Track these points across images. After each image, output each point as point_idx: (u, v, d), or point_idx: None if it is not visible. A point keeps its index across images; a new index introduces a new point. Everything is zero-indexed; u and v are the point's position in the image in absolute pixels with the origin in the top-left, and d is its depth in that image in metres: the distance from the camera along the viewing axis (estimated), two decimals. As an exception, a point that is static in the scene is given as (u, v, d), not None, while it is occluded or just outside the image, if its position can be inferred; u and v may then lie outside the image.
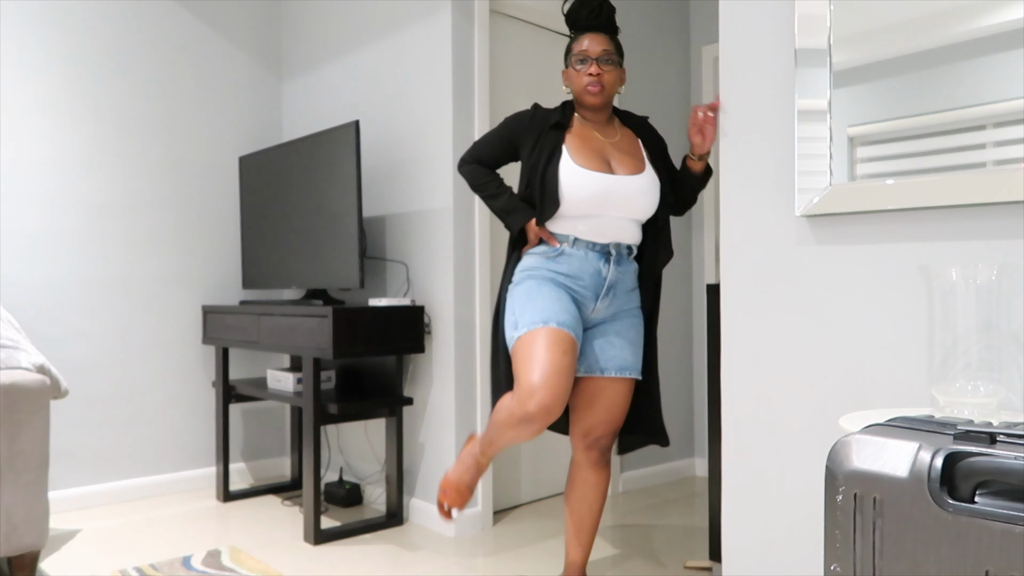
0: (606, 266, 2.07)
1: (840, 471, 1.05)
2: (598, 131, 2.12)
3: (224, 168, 3.77)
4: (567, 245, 2.06)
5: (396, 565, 2.59)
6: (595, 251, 2.06)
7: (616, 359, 2.10)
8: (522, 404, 1.91)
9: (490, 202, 2.16)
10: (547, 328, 1.95)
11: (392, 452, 2.98)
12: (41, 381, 2.34)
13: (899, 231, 1.54)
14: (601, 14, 2.09)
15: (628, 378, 2.12)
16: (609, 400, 2.12)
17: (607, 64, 2.06)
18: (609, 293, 2.09)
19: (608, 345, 2.10)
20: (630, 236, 2.10)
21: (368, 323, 2.80)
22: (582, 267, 2.06)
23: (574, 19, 2.13)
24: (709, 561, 2.55)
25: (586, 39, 2.08)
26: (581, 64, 2.07)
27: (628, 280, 2.13)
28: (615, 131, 2.15)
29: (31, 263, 3.22)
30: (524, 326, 1.98)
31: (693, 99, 3.90)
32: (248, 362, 3.81)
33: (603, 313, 2.11)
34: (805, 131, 1.66)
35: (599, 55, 2.06)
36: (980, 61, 1.41)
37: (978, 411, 1.26)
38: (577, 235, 2.06)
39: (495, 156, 2.19)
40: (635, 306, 2.16)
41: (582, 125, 2.13)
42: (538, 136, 2.09)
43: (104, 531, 2.98)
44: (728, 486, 1.83)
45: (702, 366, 3.82)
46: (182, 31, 3.63)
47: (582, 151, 2.06)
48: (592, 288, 2.07)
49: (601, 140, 2.11)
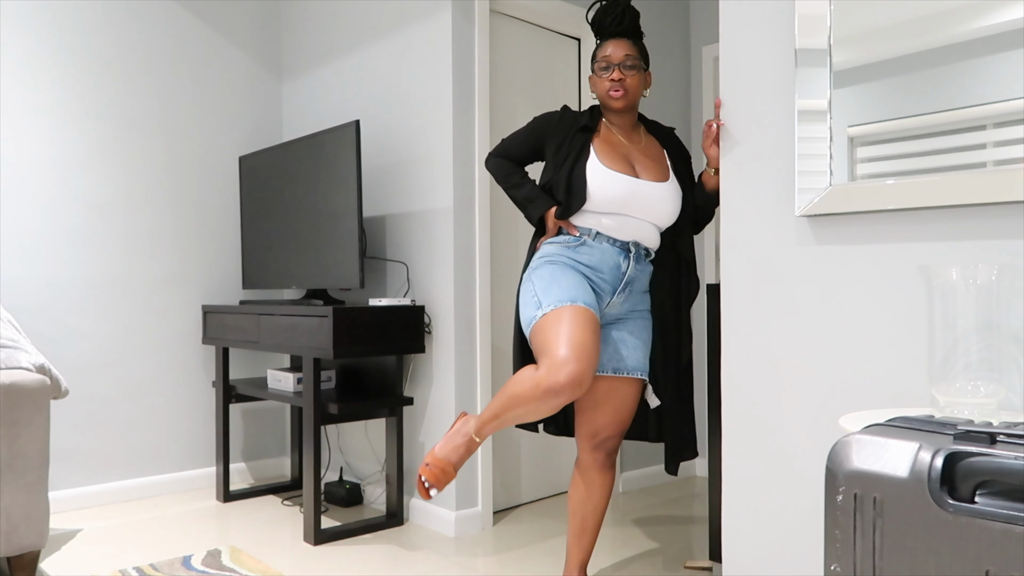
0: (626, 261, 2.09)
1: (840, 471, 1.05)
2: (623, 136, 2.16)
3: (224, 168, 3.77)
4: (588, 237, 2.08)
5: (396, 565, 2.59)
6: (616, 246, 2.09)
7: (631, 359, 2.11)
8: (552, 374, 1.83)
9: (513, 192, 2.20)
10: (573, 306, 1.93)
11: (392, 452, 2.98)
12: (41, 381, 2.34)
13: (899, 231, 1.54)
14: (624, 20, 2.13)
15: (639, 379, 2.13)
16: (620, 401, 2.12)
17: (630, 69, 2.10)
18: (626, 289, 2.11)
19: (623, 344, 2.11)
20: (650, 239, 2.13)
21: (368, 323, 2.80)
22: (603, 259, 2.08)
23: (598, 26, 2.17)
24: (709, 561, 2.55)
25: (610, 45, 2.12)
26: (604, 70, 2.12)
27: (643, 280, 2.15)
28: (640, 137, 2.19)
29: (31, 263, 3.22)
30: (549, 304, 1.95)
31: (693, 99, 3.90)
32: (248, 362, 3.81)
33: (618, 309, 2.12)
34: (805, 131, 1.66)
35: (621, 60, 2.09)
36: (980, 61, 1.41)
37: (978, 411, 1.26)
38: (600, 229, 2.08)
39: (523, 153, 2.23)
40: (647, 308, 2.18)
41: (608, 129, 2.17)
42: (564, 137, 2.13)
43: (104, 531, 2.98)
44: (728, 486, 1.83)
45: (702, 366, 3.82)
46: (182, 31, 3.63)
47: (609, 154, 2.10)
48: (611, 281, 2.08)
49: (627, 145, 2.14)
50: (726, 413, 1.84)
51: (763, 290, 1.76)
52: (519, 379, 1.91)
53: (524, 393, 1.88)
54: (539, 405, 1.86)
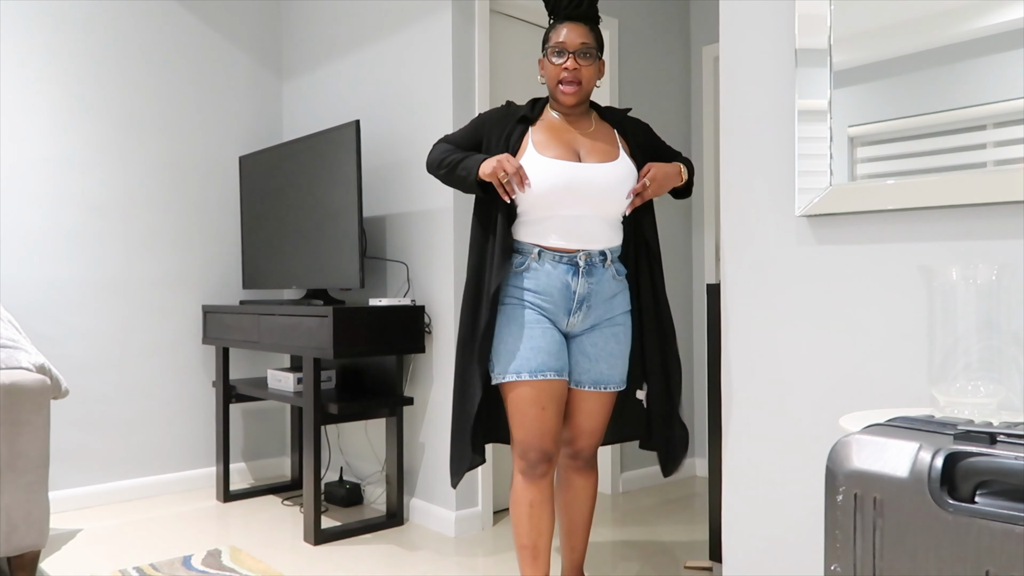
0: (575, 279, 1.95)
1: (840, 471, 1.05)
2: (571, 124, 2.02)
3: (224, 168, 3.77)
4: (533, 258, 1.95)
5: (396, 565, 2.59)
6: (562, 263, 1.95)
7: (590, 372, 2.01)
8: (521, 456, 1.97)
9: (452, 168, 2.00)
10: (520, 383, 1.93)
11: (392, 452, 2.98)
12: (41, 381, 2.34)
13: (899, 231, 1.54)
14: (582, 4, 1.96)
15: (606, 392, 2.04)
16: (586, 413, 2.06)
17: (585, 58, 1.95)
18: (582, 307, 1.97)
19: (583, 358, 2.02)
20: (603, 240, 1.98)
21: (368, 323, 2.80)
22: (549, 282, 1.95)
23: (553, 5, 2.00)
24: (709, 561, 2.55)
25: (564, 28, 1.95)
26: (558, 56, 1.95)
27: (605, 288, 2.00)
28: (590, 123, 2.04)
29: (31, 263, 3.22)
30: (499, 371, 1.96)
31: (693, 99, 3.90)
32: (248, 362, 3.81)
33: (580, 327, 2.00)
34: (805, 131, 1.66)
35: (577, 48, 1.94)
36: (980, 61, 1.41)
37: (978, 411, 1.26)
38: (543, 244, 1.95)
39: (464, 147, 2.08)
40: (620, 312, 2.04)
41: (553, 118, 2.03)
42: (502, 130, 2.01)
43: (104, 531, 2.98)
44: (728, 486, 1.83)
45: (702, 366, 3.82)
46: (182, 31, 3.63)
47: (549, 143, 1.97)
48: (562, 303, 1.96)
49: (573, 132, 2.00)
50: (726, 413, 1.84)
51: (763, 290, 1.76)
52: (514, 515, 2.01)
53: (516, 496, 1.99)
54: (527, 490, 1.97)
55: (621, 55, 3.55)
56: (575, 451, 2.11)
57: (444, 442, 2.95)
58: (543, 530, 1.98)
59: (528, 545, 1.98)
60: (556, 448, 1.98)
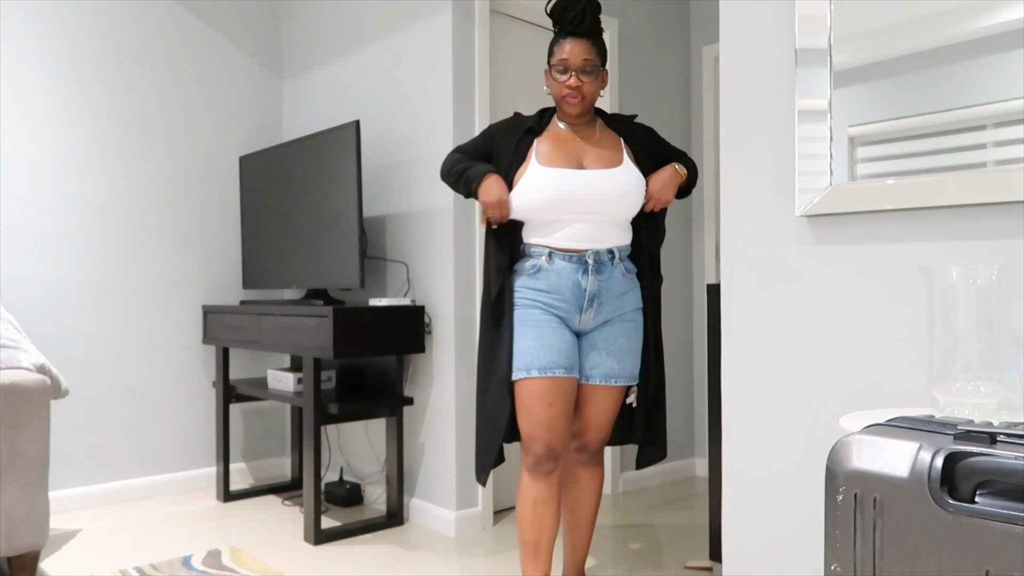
0: (584, 277, 2.02)
1: (840, 471, 1.05)
2: (577, 133, 2.09)
3: (224, 168, 3.77)
4: (543, 260, 2.03)
5: (396, 565, 2.59)
6: (571, 262, 2.02)
7: (600, 367, 2.08)
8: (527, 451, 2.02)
9: (458, 177, 2.10)
10: (529, 380, 2.00)
11: (392, 452, 2.98)
12: (41, 381, 2.34)
13: (899, 231, 1.54)
14: (585, 20, 2.03)
15: (615, 386, 2.11)
16: (595, 407, 2.12)
17: (588, 75, 2.02)
18: (592, 304, 2.04)
19: (594, 353, 2.09)
20: (610, 240, 2.05)
21: (368, 323, 2.80)
22: (560, 281, 2.02)
23: (558, 20, 2.08)
24: (709, 561, 2.55)
25: (568, 44, 2.02)
26: (561, 73, 2.03)
27: (615, 286, 2.07)
28: (595, 131, 2.12)
29: (31, 263, 3.22)
30: (516, 370, 2.03)
31: (693, 99, 3.90)
32: (248, 362, 3.81)
33: (591, 323, 2.08)
34: (805, 131, 1.66)
35: (580, 66, 2.01)
36: (980, 61, 1.41)
37: (978, 411, 1.26)
38: (552, 246, 2.03)
39: (475, 157, 2.16)
40: (631, 309, 2.11)
41: (558, 129, 2.10)
42: (510, 141, 2.09)
43: (104, 531, 2.98)
44: (728, 486, 1.83)
45: (702, 366, 3.82)
46: (182, 31, 3.63)
47: (552, 153, 2.04)
48: (573, 301, 2.03)
49: (577, 141, 2.08)
50: (726, 413, 1.84)
51: (763, 290, 1.76)
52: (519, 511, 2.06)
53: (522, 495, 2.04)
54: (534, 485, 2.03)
55: (621, 55, 3.55)
56: (582, 444, 2.17)
57: (444, 442, 2.95)
58: (545, 528, 2.02)
59: (530, 542, 2.03)
60: (562, 446, 2.03)
